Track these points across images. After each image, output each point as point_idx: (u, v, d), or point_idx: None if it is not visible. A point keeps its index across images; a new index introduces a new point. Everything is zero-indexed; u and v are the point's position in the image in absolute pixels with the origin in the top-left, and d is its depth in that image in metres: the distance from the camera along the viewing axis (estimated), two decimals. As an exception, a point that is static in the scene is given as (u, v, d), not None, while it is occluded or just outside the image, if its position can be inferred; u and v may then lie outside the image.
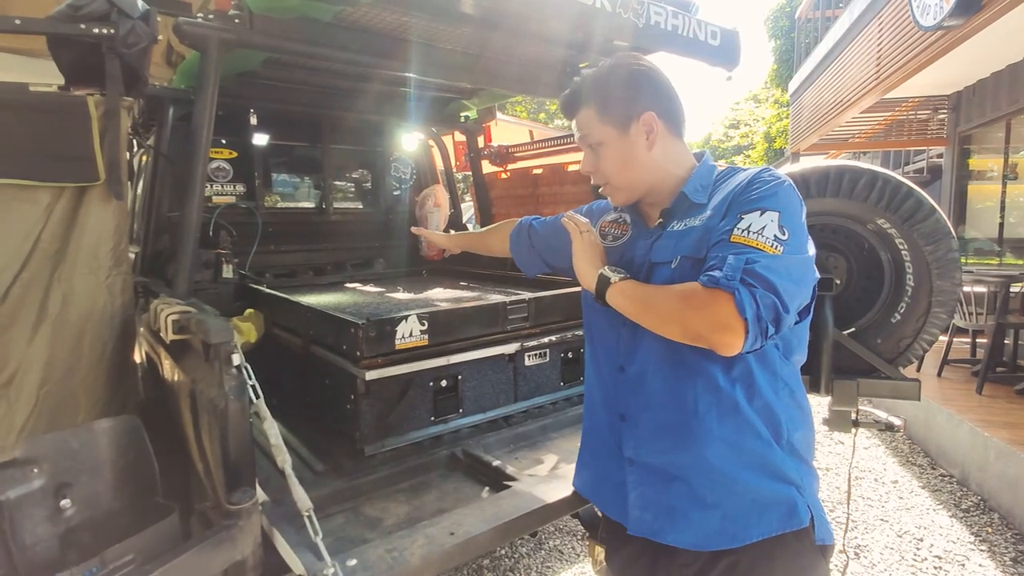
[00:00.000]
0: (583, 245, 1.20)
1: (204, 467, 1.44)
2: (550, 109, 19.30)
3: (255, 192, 3.15)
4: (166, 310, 1.49)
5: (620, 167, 1.17)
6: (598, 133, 1.16)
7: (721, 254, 0.98)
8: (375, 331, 1.61)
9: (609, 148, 1.16)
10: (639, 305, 1.07)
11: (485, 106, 3.38)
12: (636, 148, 1.14)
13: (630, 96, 1.13)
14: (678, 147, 1.18)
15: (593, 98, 1.15)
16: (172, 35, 1.97)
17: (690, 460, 1.10)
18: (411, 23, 1.97)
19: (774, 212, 0.99)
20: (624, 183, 1.18)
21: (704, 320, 0.95)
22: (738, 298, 0.92)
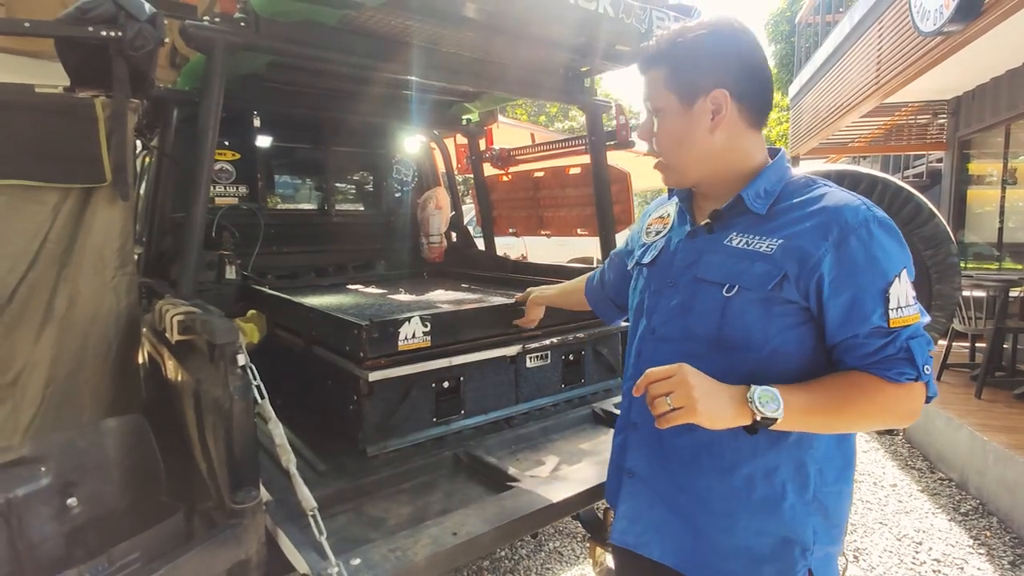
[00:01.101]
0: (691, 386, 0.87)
1: (207, 467, 1.45)
2: (551, 112, 19.35)
3: (258, 194, 3.16)
4: (171, 311, 1.50)
5: (673, 144, 1.03)
6: (660, 99, 1.01)
7: (893, 346, 0.90)
8: (378, 332, 1.62)
9: (667, 119, 1.02)
10: (822, 423, 0.94)
11: (487, 109, 3.39)
12: (696, 128, 0.99)
13: (705, 66, 0.97)
14: (750, 139, 1.02)
15: (666, 59, 1.00)
16: (177, 37, 1.98)
17: (693, 488, 1.02)
18: (415, 27, 1.99)
19: (901, 269, 0.91)
20: (676, 163, 1.04)
21: (905, 415, 0.93)
22: (930, 384, 0.92)
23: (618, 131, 2.93)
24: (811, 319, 0.94)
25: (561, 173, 3.42)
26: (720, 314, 0.97)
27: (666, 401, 0.87)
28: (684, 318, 1.03)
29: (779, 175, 1.01)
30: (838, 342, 0.93)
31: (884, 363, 0.90)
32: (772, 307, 0.93)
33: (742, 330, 0.95)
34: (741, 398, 0.88)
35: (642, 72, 1.05)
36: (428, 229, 3.64)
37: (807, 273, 0.91)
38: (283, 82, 2.59)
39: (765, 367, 0.94)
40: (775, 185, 1.00)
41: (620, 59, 2.39)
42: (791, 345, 0.95)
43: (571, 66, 2.56)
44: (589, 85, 2.77)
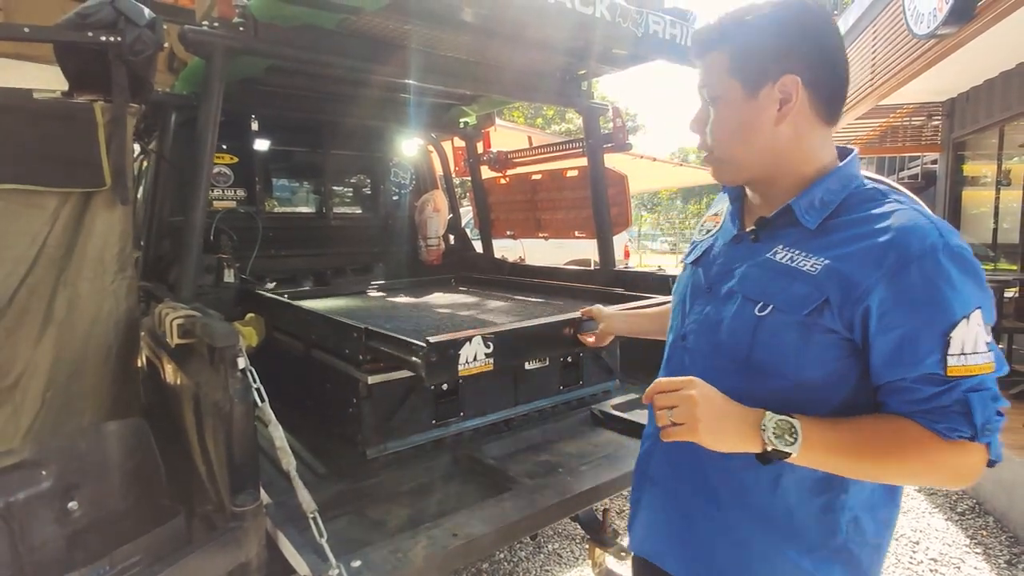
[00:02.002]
0: (694, 402, 0.81)
1: (207, 470, 1.46)
2: (548, 115, 19.39)
3: (256, 197, 3.17)
4: (171, 314, 1.50)
5: (731, 136, 0.90)
6: (721, 86, 0.89)
7: (948, 397, 0.77)
8: (437, 355, 1.35)
9: (727, 109, 0.89)
10: (849, 468, 0.82)
11: (484, 112, 3.41)
12: (760, 119, 0.87)
13: (774, 49, 0.85)
14: (818, 135, 0.89)
15: (730, 41, 0.88)
16: (175, 42, 1.99)
17: (711, 509, 0.94)
18: (413, 31, 2.00)
19: (974, 309, 0.76)
20: (729, 156, 0.92)
21: (954, 477, 0.80)
22: (993, 445, 0.78)
23: (615, 134, 2.95)
24: (856, 352, 0.82)
25: (558, 176, 3.43)
26: (751, 334, 0.87)
27: (667, 415, 0.81)
28: (714, 331, 0.93)
29: (843, 183, 0.87)
30: (883, 383, 0.81)
31: (934, 414, 0.77)
32: (810, 334, 0.82)
33: (774, 355, 0.85)
34: (754, 423, 0.80)
35: (699, 56, 0.93)
36: (426, 232, 3.65)
37: (851, 303, 0.79)
38: (281, 86, 2.60)
39: (796, 398, 0.83)
40: (835, 195, 0.86)
41: (617, 62, 2.41)
42: (829, 378, 0.83)
43: (568, 69, 2.58)
44: (586, 88, 2.79)
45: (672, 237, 29.94)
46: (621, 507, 3.19)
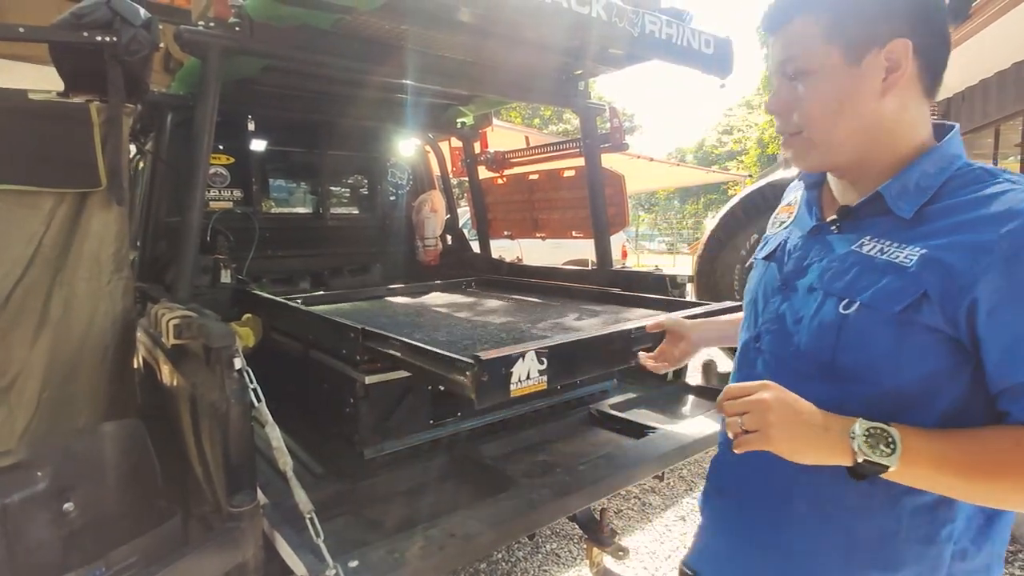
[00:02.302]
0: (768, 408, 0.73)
1: (203, 471, 1.45)
2: (545, 115, 19.41)
3: (252, 197, 3.16)
4: (167, 315, 1.50)
5: (827, 112, 0.79)
6: (813, 56, 0.78)
7: None
8: (488, 374, 1.18)
9: (822, 80, 0.78)
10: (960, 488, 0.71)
11: (481, 112, 3.41)
12: (862, 89, 0.77)
13: (882, 11, 0.75)
14: (920, 111, 0.79)
15: (825, 2, 0.78)
16: (171, 42, 1.99)
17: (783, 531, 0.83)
18: (409, 31, 2.00)
19: None
20: (825, 136, 0.80)
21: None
22: None
23: (612, 134, 2.95)
24: (963, 353, 0.71)
25: (556, 176, 3.43)
26: (835, 334, 0.77)
27: (738, 422, 0.73)
28: (792, 331, 0.83)
29: (942, 164, 0.77)
30: (1002, 389, 0.69)
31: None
32: (906, 334, 0.72)
33: (863, 358, 0.75)
34: (840, 431, 0.70)
35: (778, 26, 0.82)
36: (423, 232, 3.65)
37: (954, 296, 0.69)
38: (278, 86, 2.60)
39: (891, 407, 0.72)
40: (933, 178, 0.76)
41: (613, 62, 2.41)
42: (929, 383, 0.72)
43: (565, 69, 2.58)
44: (583, 88, 2.79)
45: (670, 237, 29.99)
46: (619, 507, 3.19)
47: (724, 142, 30.32)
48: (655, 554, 2.74)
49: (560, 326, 1.92)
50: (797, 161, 0.86)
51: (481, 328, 1.88)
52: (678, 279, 2.48)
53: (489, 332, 1.79)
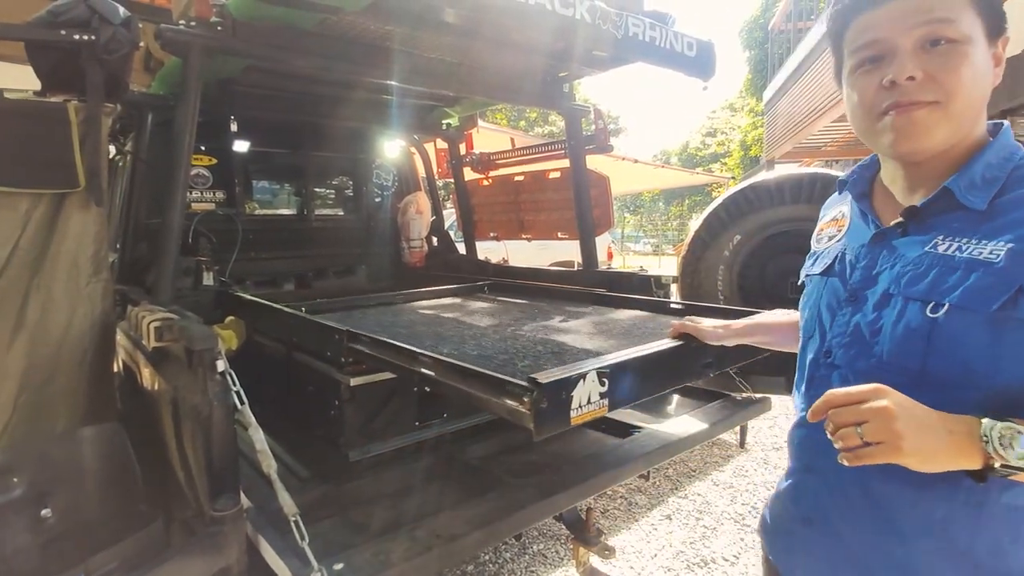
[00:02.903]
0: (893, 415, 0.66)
1: (185, 475, 1.44)
2: (530, 117, 19.45)
3: (235, 199, 3.13)
4: (148, 317, 1.48)
5: (974, 86, 0.74)
6: (960, 24, 0.73)
7: None
8: (548, 400, 1.03)
9: (975, 51, 0.74)
10: None
11: (467, 114, 3.41)
12: (991, 71, 0.76)
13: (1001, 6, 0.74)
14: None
15: None
16: (151, 41, 1.96)
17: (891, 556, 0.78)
18: (394, 32, 2.00)
19: None
20: (964, 111, 0.75)
21: None
22: None
23: (597, 136, 2.97)
24: None
25: (541, 177, 3.44)
26: (925, 340, 0.73)
27: (856, 432, 0.66)
28: (871, 343, 0.79)
29: (1004, 155, 0.76)
30: None
31: None
32: (1003, 332, 0.69)
33: (957, 362, 0.71)
34: (967, 433, 0.66)
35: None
36: (409, 233, 3.64)
37: None
38: (261, 86, 2.58)
39: (994, 409, 0.68)
40: (998, 170, 0.75)
41: (598, 64, 2.43)
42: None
43: (550, 71, 2.59)
44: (568, 90, 2.81)
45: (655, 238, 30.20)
46: (606, 506, 3.21)
47: (708, 144, 30.63)
48: (641, 553, 2.76)
49: (596, 335, 1.75)
50: (918, 136, 0.76)
51: (512, 340, 1.70)
52: (663, 280, 2.50)
53: (522, 344, 1.62)
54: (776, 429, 4.37)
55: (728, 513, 3.16)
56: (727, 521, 3.08)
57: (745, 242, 3.87)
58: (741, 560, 2.71)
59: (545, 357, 1.44)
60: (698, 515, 3.14)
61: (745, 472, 3.68)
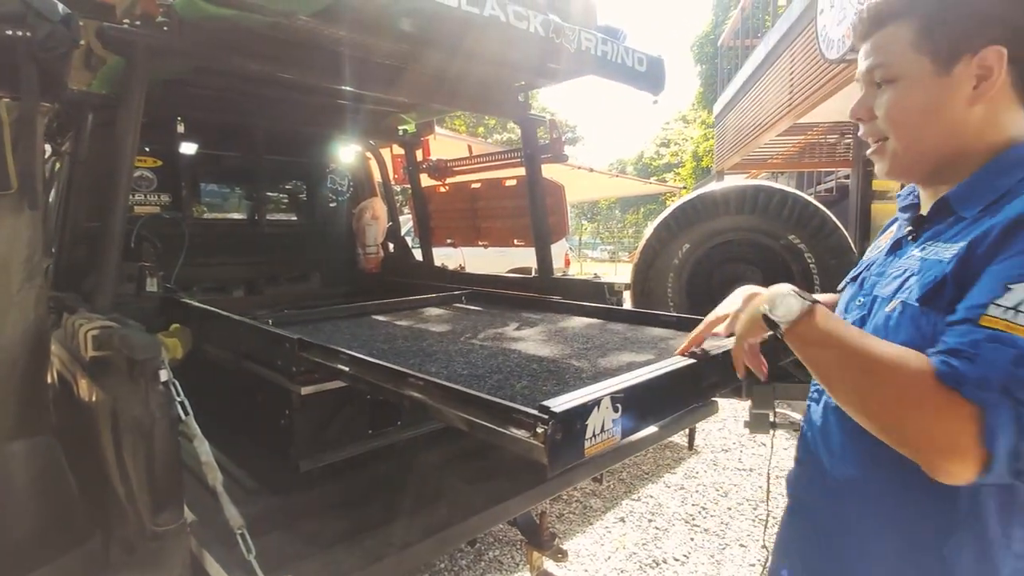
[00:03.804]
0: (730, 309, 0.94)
1: (125, 490, 1.38)
2: (489, 124, 19.53)
3: (182, 202, 3.04)
4: (85, 326, 1.42)
5: (915, 122, 0.79)
6: (902, 64, 0.79)
7: (964, 337, 0.65)
8: (563, 432, 0.93)
9: (910, 89, 0.78)
10: (821, 373, 0.76)
11: (424, 120, 3.41)
12: (951, 98, 0.76)
13: (975, 18, 0.75)
14: (1012, 116, 0.77)
15: (916, 10, 0.77)
16: (92, 38, 1.89)
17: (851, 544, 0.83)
18: (348, 37, 1.99)
19: None
20: (910, 146, 0.81)
21: (925, 431, 0.65)
22: (991, 419, 0.60)
23: (552, 145, 3.02)
24: None
25: (498, 185, 3.47)
26: (883, 334, 0.77)
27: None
28: None
29: (1012, 164, 0.75)
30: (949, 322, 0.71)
31: (944, 353, 0.66)
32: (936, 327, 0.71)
33: None
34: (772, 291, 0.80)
35: (870, 32, 0.83)
36: (364, 239, 3.60)
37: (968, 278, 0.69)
38: (210, 87, 2.51)
39: None
40: (1004, 177, 0.74)
41: (552, 76, 2.48)
42: None
43: (505, 81, 2.63)
44: (524, 100, 2.85)
45: (611, 245, 30.74)
46: (560, 510, 3.24)
47: (662, 154, 31.46)
48: (595, 556, 2.81)
49: (591, 350, 1.67)
50: (884, 171, 0.85)
51: (502, 356, 1.60)
52: (615, 287, 2.56)
53: (515, 362, 1.52)
54: (725, 431, 4.52)
55: (679, 514, 3.25)
56: (678, 522, 3.16)
57: (693, 251, 4.02)
58: (691, 559, 2.79)
59: (543, 376, 1.34)
60: (650, 517, 3.22)
61: (695, 474, 3.80)
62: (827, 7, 5.97)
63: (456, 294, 2.78)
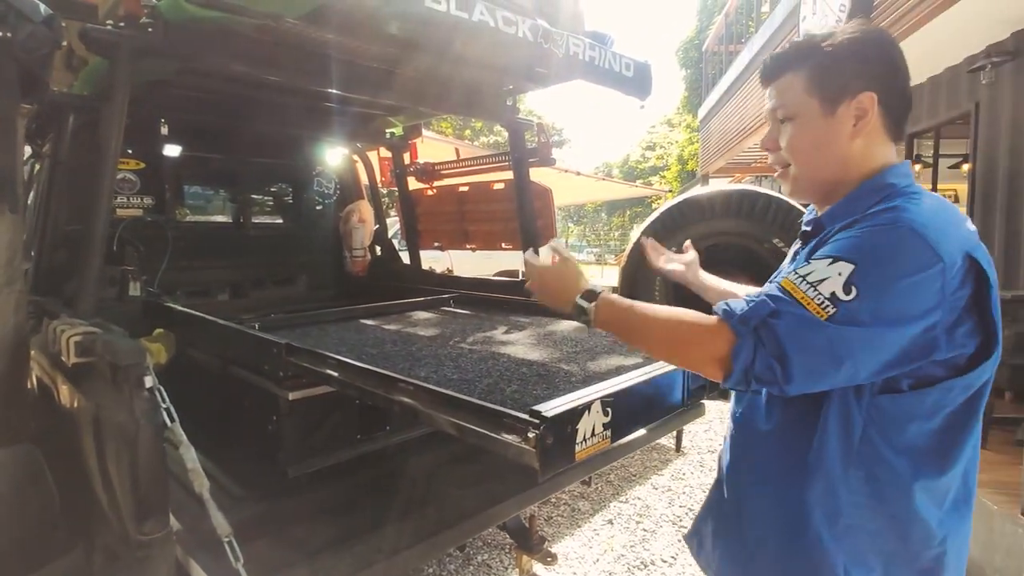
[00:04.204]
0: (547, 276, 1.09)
1: (109, 498, 1.36)
2: (476, 127, 19.53)
3: (165, 205, 2.99)
4: (67, 331, 1.40)
5: (808, 152, 0.97)
6: (796, 105, 0.96)
7: (761, 294, 0.84)
8: (554, 436, 0.95)
9: (804, 126, 0.96)
10: (624, 334, 0.99)
11: (411, 123, 3.40)
12: (836, 134, 0.93)
13: (853, 69, 0.92)
14: (883, 149, 0.95)
15: (807, 61, 0.95)
16: (74, 38, 1.86)
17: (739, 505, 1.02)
18: (335, 40, 1.98)
19: (848, 264, 0.79)
20: (805, 173, 0.99)
21: (697, 345, 0.88)
22: (738, 345, 0.82)
23: (540, 149, 3.03)
24: None
25: (485, 188, 3.48)
26: None
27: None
28: None
29: (874, 190, 0.92)
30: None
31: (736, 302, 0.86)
32: None
33: None
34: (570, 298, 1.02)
35: (772, 78, 1.00)
36: (351, 243, 3.58)
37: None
38: (195, 89, 2.49)
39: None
40: (863, 200, 0.91)
41: (540, 80, 2.48)
42: None
43: (493, 85, 2.63)
44: (512, 104, 2.85)
45: (598, 248, 30.87)
46: (549, 513, 3.25)
47: (648, 157, 31.66)
48: (583, 559, 2.81)
49: (580, 353, 1.69)
50: (790, 192, 1.04)
51: (492, 360, 1.59)
52: (603, 290, 2.56)
53: (504, 365, 1.52)
54: (711, 433, 4.55)
55: (666, 516, 3.27)
56: (665, 524, 3.18)
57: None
58: (679, 561, 2.81)
59: (532, 381, 1.35)
60: (638, 519, 3.23)
61: (682, 475, 3.82)
62: (809, 13, 6.07)
63: (444, 298, 2.76)
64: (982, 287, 0.81)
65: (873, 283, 0.78)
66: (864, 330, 0.77)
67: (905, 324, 0.78)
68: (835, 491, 0.87)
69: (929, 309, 0.78)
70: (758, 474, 0.99)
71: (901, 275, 0.78)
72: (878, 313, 0.77)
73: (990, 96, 4.69)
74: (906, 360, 0.80)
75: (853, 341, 0.78)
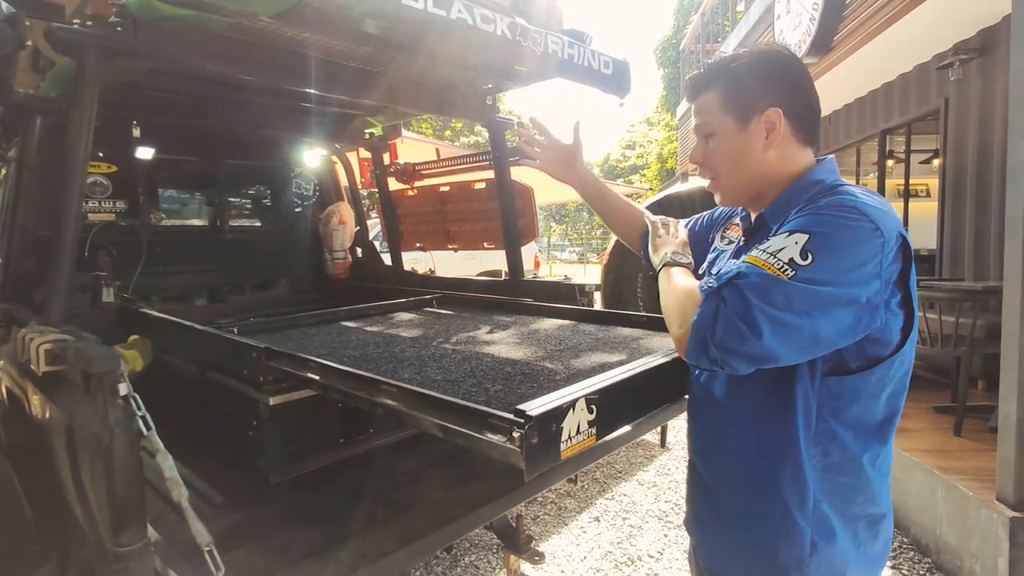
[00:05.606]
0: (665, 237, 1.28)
1: (84, 510, 1.32)
2: (456, 127, 19.47)
3: (139, 209, 2.93)
4: (37, 339, 1.36)
5: (730, 164, 1.07)
6: (715, 122, 1.06)
7: (733, 268, 0.92)
8: (539, 434, 0.92)
9: (723, 141, 1.06)
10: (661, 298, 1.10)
11: (391, 123, 3.37)
12: (751, 146, 1.03)
13: (758, 87, 1.02)
14: (802, 154, 1.05)
15: (719, 82, 1.05)
16: (40, 39, 1.81)
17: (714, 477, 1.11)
18: (311, 39, 1.95)
19: (802, 234, 0.88)
20: (731, 183, 1.09)
21: (673, 323, 1.00)
22: (701, 305, 0.91)
23: (520, 147, 3.02)
24: None
25: (467, 188, 3.46)
26: None
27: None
28: None
29: (806, 187, 1.02)
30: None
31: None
32: None
33: None
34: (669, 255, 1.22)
35: (693, 97, 1.10)
36: (332, 244, 3.54)
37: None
38: (168, 90, 2.44)
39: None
40: (797, 196, 1.01)
41: (519, 79, 2.48)
42: None
43: (473, 84, 2.62)
44: (492, 102, 2.84)
45: (580, 247, 30.98)
46: (536, 512, 3.24)
47: (628, 156, 31.88)
48: (571, 556, 2.81)
49: (564, 351, 1.67)
50: (720, 201, 1.16)
51: (475, 360, 1.58)
52: (586, 288, 2.57)
53: (488, 365, 1.52)
54: (695, 428, 4.59)
55: (652, 511, 3.29)
56: (652, 519, 3.20)
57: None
58: (665, 555, 2.82)
59: (517, 380, 1.34)
60: (625, 515, 3.25)
61: (667, 471, 3.85)
62: (783, 12, 6.16)
63: (427, 298, 2.72)
64: (907, 265, 0.90)
65: (827, 251, 0.86)
66: (821, 288, 0.84)
67: (855, 286, 0.85)
68: (801, 468, 0.95)
69: (874, 275, 0.86)
70: (731, 455, 1.06)
71: (849, 244, 0.86)
72: (832, 275, 0.85)
73: (958, 92, 4.81)
74: (859, 325, 0.87)
75: (812, 297, 0.84)
